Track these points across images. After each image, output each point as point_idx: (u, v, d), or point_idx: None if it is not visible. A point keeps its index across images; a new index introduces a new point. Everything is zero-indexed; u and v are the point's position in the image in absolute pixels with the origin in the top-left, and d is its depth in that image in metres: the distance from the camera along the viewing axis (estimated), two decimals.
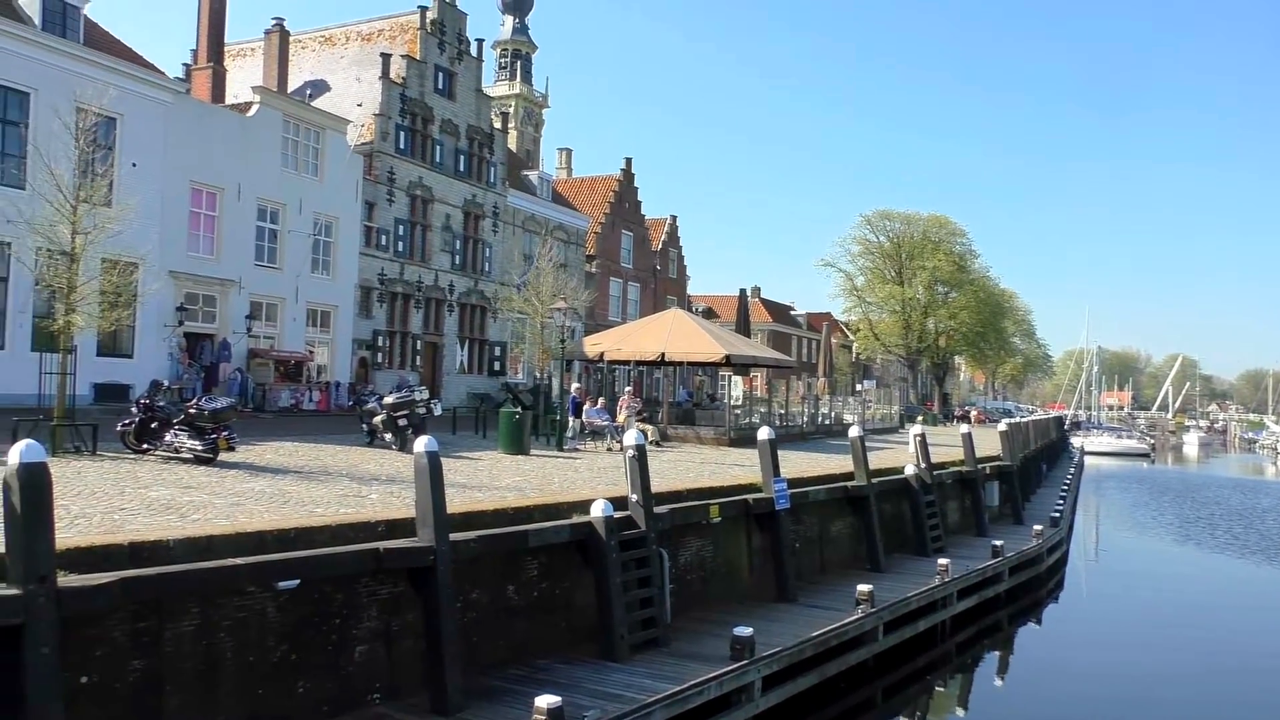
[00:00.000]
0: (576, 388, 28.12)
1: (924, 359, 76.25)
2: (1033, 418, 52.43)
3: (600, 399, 26.06)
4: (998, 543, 19.72)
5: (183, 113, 28.88)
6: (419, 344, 38.24)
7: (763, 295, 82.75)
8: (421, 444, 9.65)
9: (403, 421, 18.54)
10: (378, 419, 19.04)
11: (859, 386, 68.72)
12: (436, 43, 38.98)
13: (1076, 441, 69.03)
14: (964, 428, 26.60)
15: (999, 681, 15.87)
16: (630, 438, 12.41)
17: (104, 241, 15.27)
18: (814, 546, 17.20)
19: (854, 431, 18.97)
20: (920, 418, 49.98)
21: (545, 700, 8.30)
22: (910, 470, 20.15)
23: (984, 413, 75.20)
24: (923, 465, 20.34)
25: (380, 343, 36.30)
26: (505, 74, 79.10)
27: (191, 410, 14.40)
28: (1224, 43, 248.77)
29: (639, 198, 55.19)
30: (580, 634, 11.46)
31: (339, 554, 8.87)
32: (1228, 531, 31.57)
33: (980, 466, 24.33)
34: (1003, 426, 29.47)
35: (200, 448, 14.04)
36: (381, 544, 9.25)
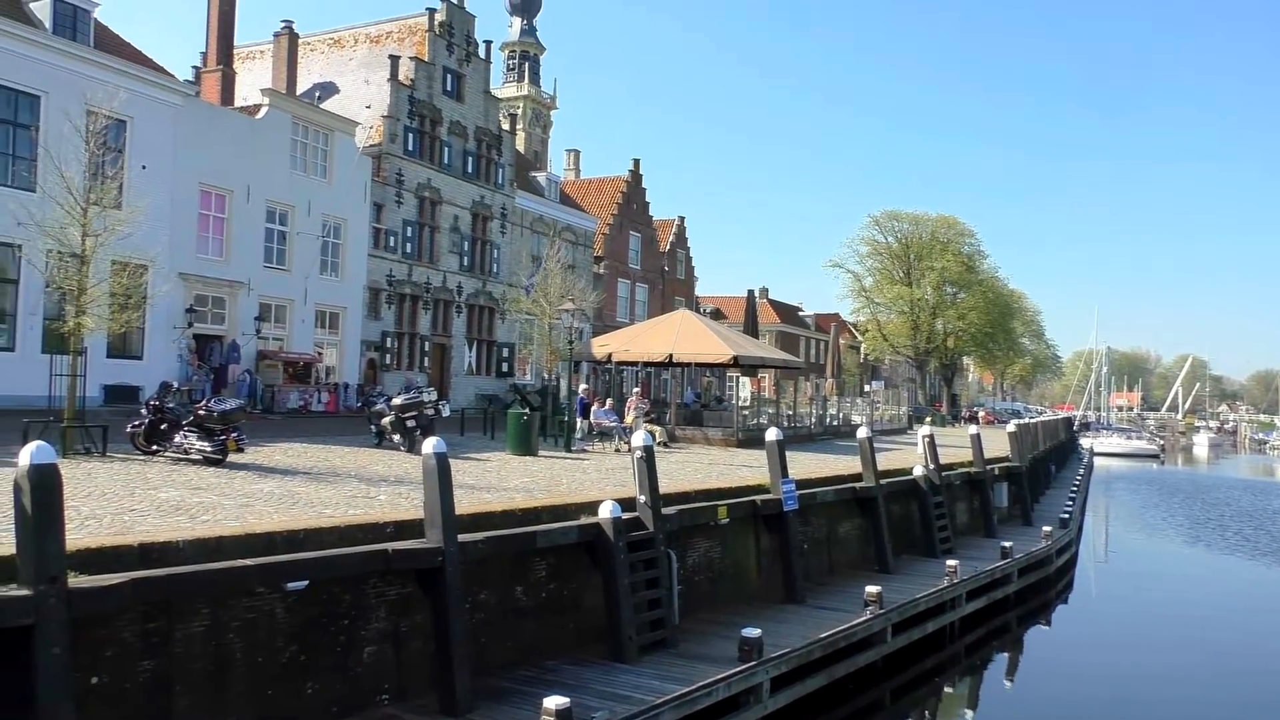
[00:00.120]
0: (584, 389, 28.13)
1: (932, 360, 76.07)
2: (1042, 419, 52.30)
3: (608, 400, 26.07)
4: (1006, 544, 19.67)
5: (192, 115, 28.97)
6: (427, 345, 38.30)
7: (771, 296, 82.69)
8: (430, 445, 9.66)
9: (411, 423, 18.57)
10: (386, 420, 19.08)
11: (867, 387, 68.66)
12: (445, 45, 39.06)
13: (1086, 442, 68.83)
14: (972, 429, 26.52)
15: (1008, 683, 15.83)
16: (638, 439, 12.42)
17: (114, 244, 15.32)
18: (822, 547, 17.18)
19: (862, 432, 18.95)
20: (929, 419, 49.80)
21: (554, 701, 8.32)
22: (919, 471, 20.11)
23: (992, 414, 75.05)
24: (931, 466, 20.29)
25: (389, 344, 36.37)
26: (513, 75, 79.18)
27: (201, 412, 14.45)
28: (1224, 43, 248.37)
29: (647, 199, 55.21)
30: (588, 635, 11.47)
31: (348, 555, 8.89)
32: (1238, 533, 31.44)
33: (989, 467, 24.27)
34: (1011, 427, 29.41)
35: (209, 449, 14.09)
36: (390, 545, 9.27)
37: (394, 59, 36.84)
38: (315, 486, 12.69)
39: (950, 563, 16.92)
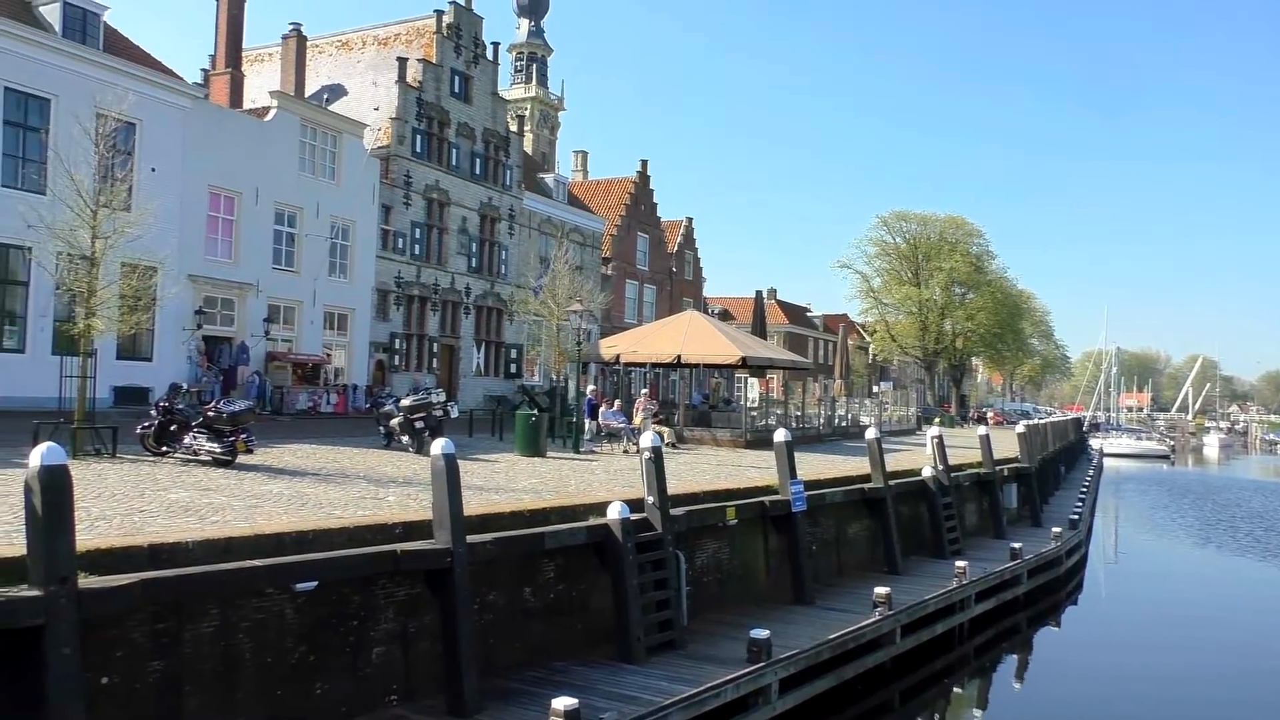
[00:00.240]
0: (593, 390, 28.14)
1: (941, 360, 75.88)
2: (1051, 419, 52.14)
3: (616, 401, 26.07)
4: (1016, 545, 19.62)
5: (201, 118, 29.08)
6: (435, 346, 38.36)
7: (779, 297, 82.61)
8: (438, 446, 9.67)
9: (419, 424, 18.58)
10: (395, 421, 19.11)
11: (876, 388, 68.49)
12: (452, 47, 39.12)
13: (1095, 443, 68.58)
14: (981, 429, 26.46)
15: (1017, 685, 15.77)
16: (646, 440, 12.41)
17: (123, 246, 15.37)
18: (831, 548, 17.16)
19: (871, 433, 18.90)
20: (937, 419, 49.70)
21: (562, 702, 8.31)
22: (927, 472, 20.07)
23: (1001, 414, 74.79)
24: (940, 467, 20.24)
25: (397, 345, 36.44)
26: (521, 77, 79.27)
27: (210, 413, 14.49)
28: (1224, 42, 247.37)
29: (655, 200, 55.21)
30: (597, 636, 11.47)
31: (356, 556, 8.90)
32: (1249, 534, 31.29)
33: (998, 468, 24.21)
34: (1021, 428, 29.32)
35: (219, 450, 14.12)
36: (399, 546, 9.28)
37: (402, 61, 36.92)
38: (324, 488, 12.72)
39: (959, 564, 16.88)
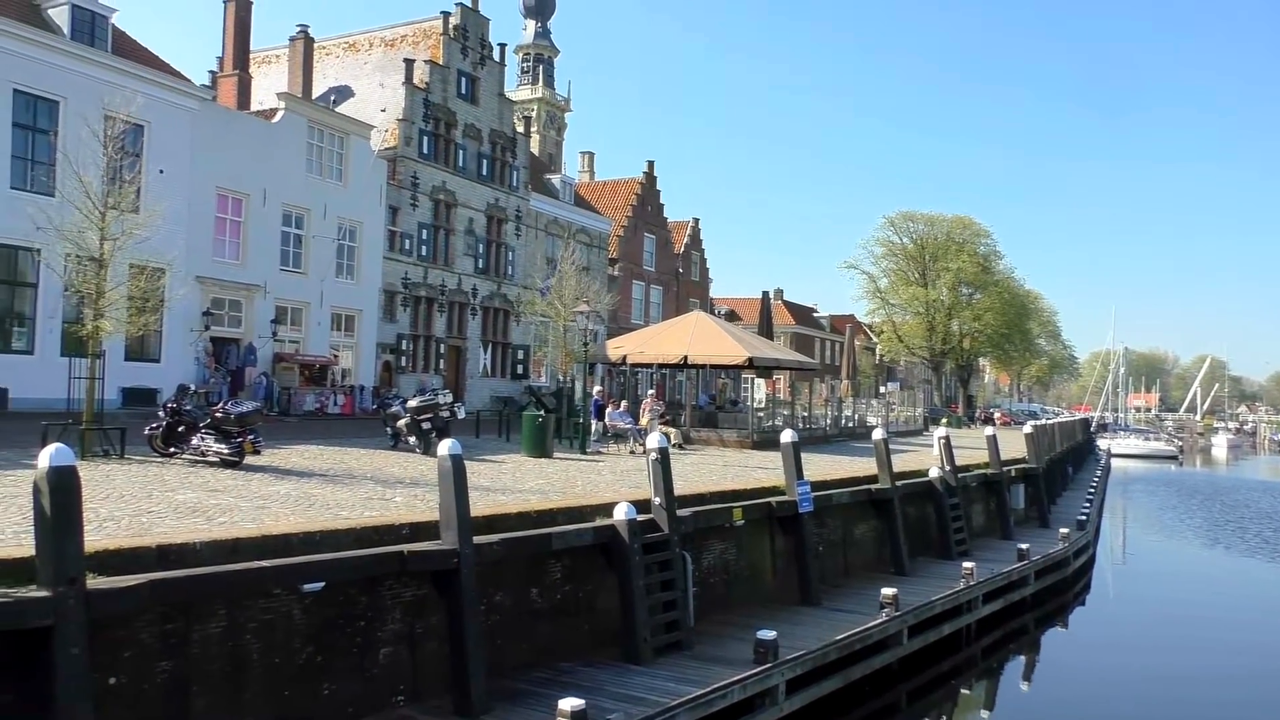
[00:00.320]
0: (599, 390, 28.14)
1: (948, 361, 75.77)
2: (1059, 420, 52.00)
3: (623, 402, 26.10)
4: (1023, 546, 19.57)
5: (209, 119, 29.16)
6: (442, 347, 38.40)
7: (785, 298, 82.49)
8: (445, 447, 9.69)
9: (426, 425, 18.61)
10: (402, 422, 19.13)
11: (883, 389, 68.46)
12: (459, 48, 39.17)
13: (1103, 444, 68.38)
14: (989, 430, 26.40)
15: (1025, 686, 15.75)
16: (653, 440, 12.42)
17: (131, 247, 15.40)
18: (838, 549, 17.14)
19: (878, 434, 18.89)
20: (944, 420, 49.59)
21: (569, 703, 8.32)
22: (934, 473, 20.03)
23: (1009, 415, 74.64)
24: (947, 468, 20.20)
25: (404, 346, 36.48)
26: (527, 78, 79.33)
27: (218, 414, 14.52)
28: (1223, 42, 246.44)
29: (661, 200, 55.20)
30: (603, 637, 11.47)
31: (363, 557, 8.92)
32: (1258, 535, 31.18)
33: (1005, 469, 24.16)
34: (1028, 429, 29.26)
35: (226, 451, 14.16)
36: (405, 547, 9.29)
37: (409, 62, 36.98)
38: (331, 488, 12.74)
39: (966, 565, 16.84)
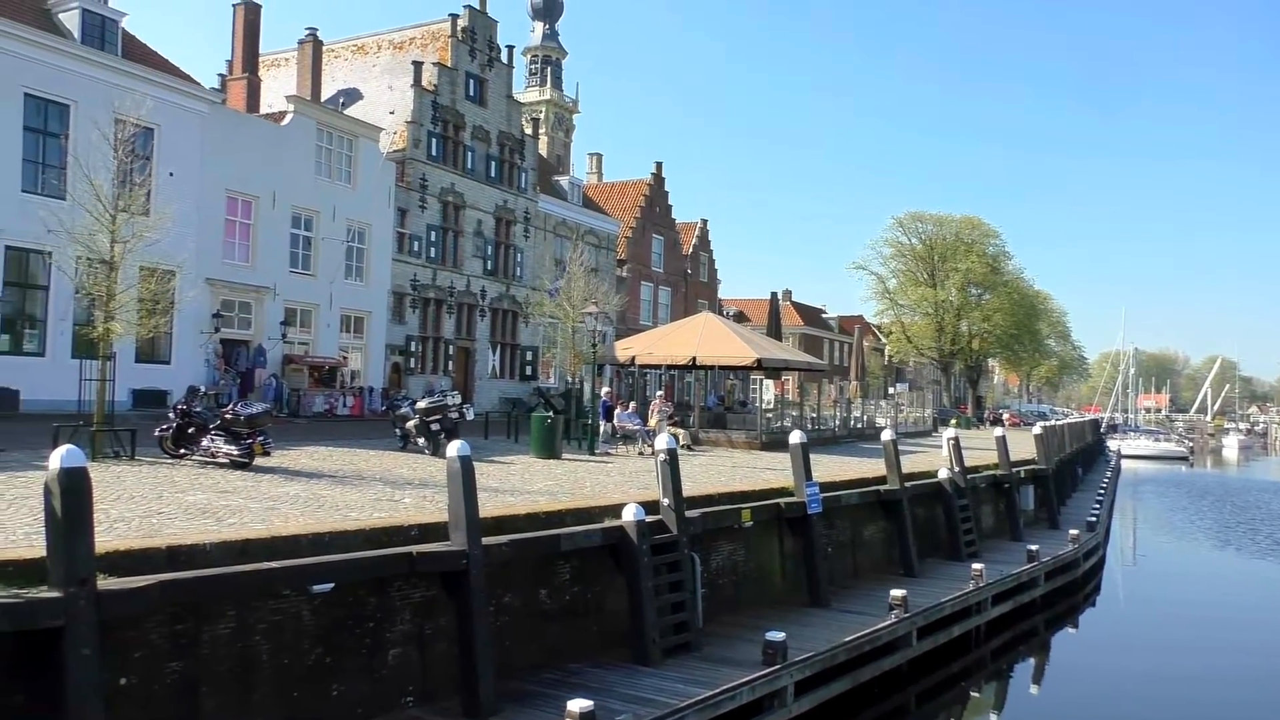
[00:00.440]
0: (608, 392, 28.19)
1: (957, 362, 75.57)
2: (1068, 420, 51.84)
3: (632, 403, 26.10)
4: (1033, 547, 19.52)
5: (218, 122, 29.27)
6: (451, 349, 38.47)
7: (794, 298, 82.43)
8: (454, 448, 9.70)
9: (435, 426, 18.62)
10: (411, 424, 19.15)
11: (891, 390, 68.33)
12: (467, 50, 39.25)
13: (1113, 445, 68.12)
14: (998, 431, 26.33)
15: (1034, 688, 15.69)
16: (662, 441, 12.42)
17: (142, 250, 15.48)
18: (846, 551, 17.11)
19: (887, 435, 18.84)
20: (954, 421, 49.53)
21: (577, 704, 8.32)
22: (944, 474, 19.99)
23: (1018, 416, 74.41)
24: (956, 469, 20.16)
25: (413, 348, 36.55)
26: (536, 80, 79.53)
27: (227, 416, 14.58)
28: (1222, 38, 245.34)
29: (669, 202, 55.21)
30: (612, 638, 11.47)
31: (372, 558, 8.94)
32: (1269, 536, 31.01)
33: (1015, 470, 24.09)
34: (1037, 430, 29.17)
35: (236, 452, 14.21)
36: (414, 548, 9.31)
37: (417, 65, 37.06)
38: (340, 490, 12.78)
39: (976, 566, 16.80)
